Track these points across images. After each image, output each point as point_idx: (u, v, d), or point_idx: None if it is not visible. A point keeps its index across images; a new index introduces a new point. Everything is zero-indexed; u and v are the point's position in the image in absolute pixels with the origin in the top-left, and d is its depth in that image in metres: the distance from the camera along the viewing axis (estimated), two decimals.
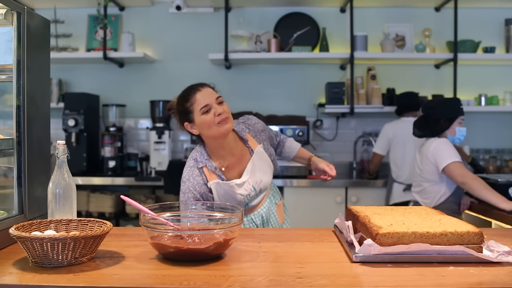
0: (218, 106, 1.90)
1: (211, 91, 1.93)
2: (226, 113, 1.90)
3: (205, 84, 1.96)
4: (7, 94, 1.72)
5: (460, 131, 2.88)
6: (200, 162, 1.98)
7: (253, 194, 2.04)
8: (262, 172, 2.04)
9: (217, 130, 1.90)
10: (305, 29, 4.23)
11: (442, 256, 1.27)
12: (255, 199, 2.07)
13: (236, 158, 2.03)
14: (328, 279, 1.16)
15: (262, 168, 2.05)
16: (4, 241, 1.42)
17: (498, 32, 4.27)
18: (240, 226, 1.36)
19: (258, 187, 2.03)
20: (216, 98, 1.92)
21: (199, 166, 1.98)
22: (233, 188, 1.97)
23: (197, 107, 1.90)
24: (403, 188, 3.60)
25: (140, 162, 4.15)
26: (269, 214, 2.12)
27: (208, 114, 1.89)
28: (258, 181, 2.03)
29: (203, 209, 1.54)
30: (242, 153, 2.04)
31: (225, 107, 1.92)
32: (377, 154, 3.83)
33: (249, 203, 2.06)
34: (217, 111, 1.89)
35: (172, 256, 1.30)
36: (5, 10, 1.50)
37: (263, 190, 2.08)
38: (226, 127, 1.90)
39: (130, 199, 1.38)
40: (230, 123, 1.92)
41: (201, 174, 1.98)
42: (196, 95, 1.91)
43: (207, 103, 1.89)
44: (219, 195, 1.99)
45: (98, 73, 4.39)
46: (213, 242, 1.28)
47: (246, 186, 2.00)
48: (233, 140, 2.02)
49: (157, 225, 1.31)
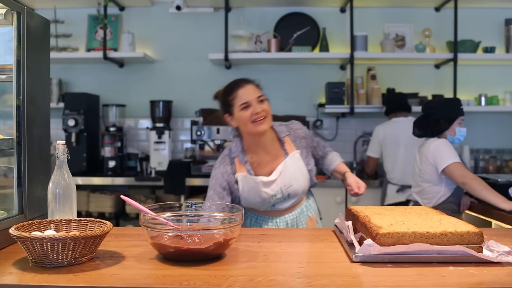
0: (257, 105, 1.95)
1: (254, 89, 1.98)
2: (264, 113, 1.95)
3: (250, 81, 2.01)
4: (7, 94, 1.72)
5: (460, 132, 2.88)
6: (233, 153, 2.06)
7: (280, 196, 2.04)
8: (293, 177, 2.04)
9: (252, 128, 1.96)
10: (305, 29, 4.24)
11: (442, 256, 1.27)
12: (283, 203, 2.07)
13: (270, 157, 2.06)
14: (328, 279, 1.16)
15: (294, 173, 2.04)
16: (4, 241, 1.42)
17: (498, 32, 4.27)
18: (239, 226, 1.36)
19: (286, 191, 2.03)
20: (258, 97, 1.96)
21: (232, 156, 2.06)
22: (258, 184, 2.00)
23: (237, 102, 1.96)
24: (396, 189, 3.61)
25: (140, 162, 4.15)
26: (297, 223, 2.11)
27: (247, 111, 1.95)
28: (287, 185, 2.03)
29: (203, 209, 1.53)
30: (276, 154, 2.07)
31: (264, 106, 1.97)
32: (372, 157, 3.85)
33: (276, 205, 2.06)
34: (255, 110, 1.94)
35: (172, 256, 1.29)
36: (5, 10, 1.50)
37: (293, 196, 2.06)
38: (261, 128, 1.96)
39: (130, 199, 1.38)
40: (266, 123, 1.97)
41: (232, 164, 2.04)
42: (238, 91, 1.97)
43: (247, 100, 1.95)
44: (244, 188, 2.01)
45: (98, 73, 4.40)
46: (213, 242, 1.28)
47: (273, 187, 2.01)
48: (270, 139, 2.07)
49: (157, 225, 1.31)
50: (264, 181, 2.00)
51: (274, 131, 2.10)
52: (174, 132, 4.34)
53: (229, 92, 1.99)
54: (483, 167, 4.14)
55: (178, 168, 3.80)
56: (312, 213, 2.19)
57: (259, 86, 2.02)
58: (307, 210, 2.17)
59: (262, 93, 2.00)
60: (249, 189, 2.01)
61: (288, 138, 2.10)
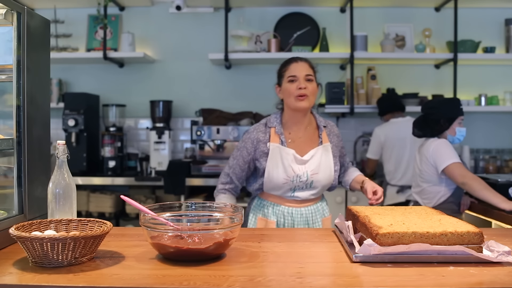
0: (304, 81, 2.03)
1: (306, 67, 2.06)
2: (307, 91, 2.02)
3: (304, 60, 2.10)
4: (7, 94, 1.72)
5: (460, 131, 2.88)
6: (271, 123, 2.11)
7: (304, 180, 2.05)
8: (321, 166, 2.07)
9: (293, 102, 2.04)
10: (305, 29, 4.24)
11: (442, 256, 1.27)
12: (303, 191, 2.09)
13: (305, 139, 2.10)
14: (328, 279, 1.16)
15: (323, 163, 2.08)
16: (4, 241, 1.42)
17: (498, 32, 4.27)
18: (239, 226, 1.36)
19: (311, 177, 2.05)
20: (307, 75, 2.04)
21: (269, 125, 2.10)
22: (289, 157, 2.03)
23: (287, 74, 2.07)
24: (396, 190, 3.60)
25: (140, 162, 4.15)
26: (312, 220, 2.12)
27: (292, 84, 2.04)
28: (314, 170, 2.06)
29: (203, 209, 1.53)
30: (312, 138, 2.12)
31: (310, 86, 2.03)
32: (372, 159, 3.84)
33: (296, 191, 2.08)
34: (300, 84, 2.02)
35: (172, 256, 1.29)
36: (5, 10, 1.50)
37: (314, 186, 2.09)
38: (301, 104, 2.03)
39: (130, 199, 1.38)
40: (307, 102, 2.03)
41: (266, 132, 2.09)
42: (291, 64, 2.07)
43: (295, 74, 2.04)
44: (272, 159, 2.03)
45: (98, 73, 4.40)
46: (213, 242, 1.28)
47: (301, 167, 2.04)
48: (309, 122, 2.14)
49: (157, 225, 1.31)
50: (296, 155, 2.04)
51: (314, 117, 2.17)
52: (174, 132, 4.34)
53: (284, 64, 2.12)
54: (483, 167, 4.14)
55: (178, 168, 3.80)
56: (327, 214, 2.22)
57: (313, 68, 2.10)
58: (323, 209, 2.20)
59: (313, 73, 2.06)
60: (278, 161, 2.03)
61: (325, 130, 2.16)
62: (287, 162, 2.04)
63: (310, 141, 2.11)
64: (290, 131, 2.11)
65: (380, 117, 3.93)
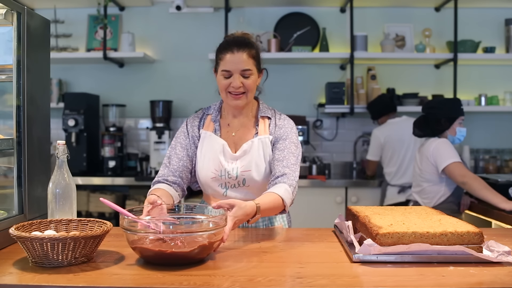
0: (239, 78, 1.75)
1: (243, 59, 1.74)
2: (242, 89, 1.76)
3: (244, 48, 1.76)
4: (7, 94, 1.72)
5: (460, 131, 2.88)
6: (209, 110, 1.92)
7: (233, 177, 1.80)
8: (254, 163, 1.80)
9: (225, 98, 1.81)
10: (305, 29, 4.24)
11: (442, 256, 1.27)
12: (236, 190, 1.82)
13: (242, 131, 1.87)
14: (328, 279, 1.16)
15: (257, 158, 1.81)
16: (4, 241, 1.42)
17: (498, 32, 4.27)
18: (223, 229, 1.32)
19: (241, 175, 1.80)
20: (243, 70, 1.75)
21: (206, 112, 1.91)
22: (219, 147, 1.81)
23: (221, 66, 1.77)
24: (397, 190, 3.60)
25: (140, 162, 4.15)
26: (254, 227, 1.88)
27: (225, 80, 1.77)
28: (246, 167, 1.80)
29: (186, 212, 1.49)
30: (249, 130, 1.87)
31: (247, 82, 1.76)
32: (372, 161, 3.83)
33: (228, 190, 1.83)
34: (234, 83, 1.75)
35: (154, 260, 1.25)
36: (5, 10, 1.50)
37: (248, 185, 1.81)
38: (234, 103, 1.79)
39: (109, 201, 1.34)
40: (242, 100, 1.78)
41: (203, 119, 1.90)
42: (226, 55, 1.75)
43: (230, 69, 1.75)
44: (202, 149, 1.84)
45: (98, 73, 4.39)
46: (198, 245, 1.24)
47: (231, 163, 1.81)
48: (249, 111, 1.89)
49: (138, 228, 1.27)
50: (226, 148, 1.82)
51: (258, 106, 1.92)
52: (174, 132, 4.33)
53: (220, 49, 1.79)
54: (483, 167, 4.14)
55: None
56: (278, 223, 1.93)
57: (254, 56, 1.78)
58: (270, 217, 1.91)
59: (252, 65, 1.76)
60: (207, 151, 1.82)
61: (266, 120, 1.88)
62: (215, 153, 1.81)
63: (245, 133, 1.86)
64: (227, 120, 1.88)
65: (373, 121, 3.93)
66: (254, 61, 1.78)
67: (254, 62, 1.78)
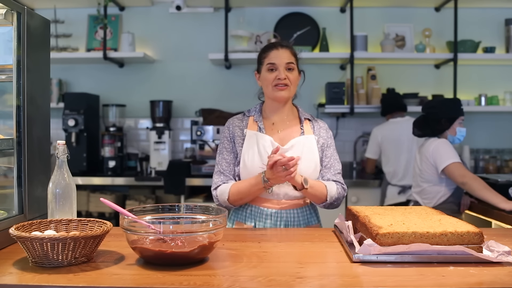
0: (283, 71, 1.91)
1: (287, 54, 1.93)
2: (287, 81, 1.90)
3: (286, 46, 1.96)
4: (7, 94, 1.72)
5: (460, 131, 2.88)
6: (250, 112, 2.03)
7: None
8: (302, 158, 1.84)
9: (271, 92, 1.93)
10: (305, 29, 4.24)
11: (442, 256, 1.27)
12: (281, 186, 1.88)
13: (285, 129, 1.96)
14: (328, 279, 1.16)
15: (305, 155, 1.88)
16: (4, 241, 1.42)
17: (498, 32, 4.27)
18: (223, 229, 1.32)
19: None
20: (288, 63, 1.92)
21: (247, 115, 2.02)
22: (267, 143, 1.89)
23: (266, 61, 1.95)
24: (398, 191, 3.60)
25: (140, 162, 4.15)
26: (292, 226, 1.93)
27: (271, 73, 1.92)
28: None
29: (186, 211, 1.49)
30: (293, 129, 1.97)
31: (291, 75, 1.92)
32: (370, 158, 3.86)
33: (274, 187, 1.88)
34: (279, 74, 1.90)
35: (154, 260, 1.25)
36: (5, 10, 1.50)
37: None
38: (279, 94, 1.91)
39: (109, 201, 1.35)
40: (287, 92, 1.92)
41: (244, 120, 2.00)
42: (271, 51, 1.94)
43: (275, 62, 1.91)
44: (248, 146, 1.91)
45: (98, 73, 4.39)
46: (198, 245, 1.24)
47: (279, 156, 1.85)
48: (291, 111, 2.01)
49: (138, 228, 1.27)
50: (274, 143, 1.88)
51: (296, 108, 2.06)
52: (174, 132, 4.34)
53: (263, 50, 2.00)
54: (483, 167, 4.14)
55: (178, 168, 3.80)
56: (314, 222, 2.01)
57: (295, 55, 1.97)
58: (308, 216, 1.98)
59: (295, 61, 1.95)
60: (254, 148, 1.89)
61: (309, 122, 2.01)
62: (263, 149, 1.88)
63: (291, 132, 1.96)
64: (269, 120, 1.98)
65: (383, 116, 3.94)
66: (296, 59, 1.96)
67: (295, 60, 1.96)
